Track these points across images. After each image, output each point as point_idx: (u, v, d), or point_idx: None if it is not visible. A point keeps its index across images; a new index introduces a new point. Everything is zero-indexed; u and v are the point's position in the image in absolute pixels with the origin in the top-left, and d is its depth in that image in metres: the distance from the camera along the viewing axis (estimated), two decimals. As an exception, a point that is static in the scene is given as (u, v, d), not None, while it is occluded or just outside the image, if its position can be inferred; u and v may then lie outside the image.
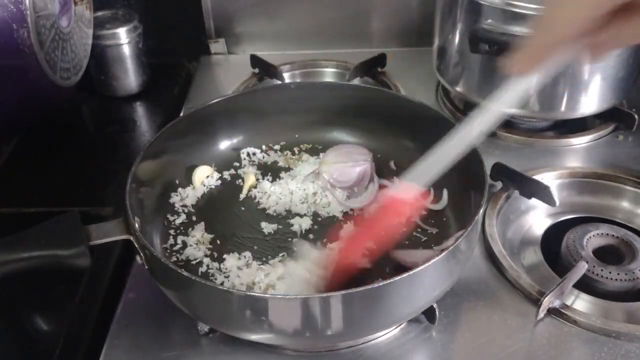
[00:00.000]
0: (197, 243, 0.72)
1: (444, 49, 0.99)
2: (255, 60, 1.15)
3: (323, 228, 0.75)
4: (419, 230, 0.74)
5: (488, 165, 0.76)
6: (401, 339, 0.65)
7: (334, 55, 1.19)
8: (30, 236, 0.59)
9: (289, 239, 0.74)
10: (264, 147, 0.88)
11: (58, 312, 0.70)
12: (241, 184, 0.82)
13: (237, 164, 0.85)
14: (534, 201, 0.80)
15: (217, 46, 1.24)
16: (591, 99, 0.90)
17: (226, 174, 0.84)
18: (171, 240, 0.73)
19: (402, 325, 0.66)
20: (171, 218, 0.76)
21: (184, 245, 0.72)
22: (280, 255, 0.71)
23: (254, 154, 0.86)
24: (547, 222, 0.82)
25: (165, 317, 0.67)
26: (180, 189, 0.80)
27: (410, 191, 0.62)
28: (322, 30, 1.22)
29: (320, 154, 0.86)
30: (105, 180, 0.87)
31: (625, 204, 0.85)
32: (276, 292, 0.64)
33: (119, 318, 0.68)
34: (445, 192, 0.77)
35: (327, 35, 1.23)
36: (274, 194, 0.79)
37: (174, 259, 0.71)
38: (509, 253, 0.75)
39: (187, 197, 0.79)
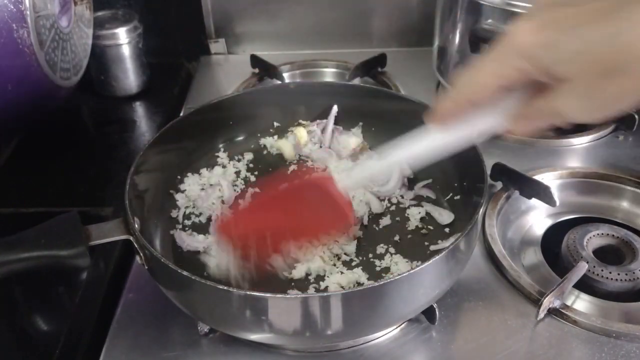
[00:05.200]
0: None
1: (444, 49, 0.99)
2: (255, 60, 1.15)
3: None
4: (419, 229, 0.74)
5: (488, 165, 0.76)
6: (401, 339, 0.65)
7: (334, 55, 1.19)
8: (30, 236, 0.59)
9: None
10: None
11: (58, 312, 0.70)
12: (242, 184, 0.82)
13: (236, 163, 0.85)
14: (534, 201, 0.80)
15: (217, 46, 1.24)
16: (591, 99, 0.90)
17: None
18: (171, 241, 0.73)
19: (402, 325, 0.66)
20: (171, 217, 0.76)
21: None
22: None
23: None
24: (547, 222, 0.82)
25: (165, 317, 0.67)
26: (180, 189, 0.80)
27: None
28: (322, 30, 1.23)
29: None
30: (105, 180, 0.87)
31: (625, 204, 0.85)
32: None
33: (119, 318, 0.68)
34: (450, 214, 0.75)
35: (327, 35, 1.23)
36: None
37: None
38: (509, 253, 0.75)
39: (186, 197, 0.79)
